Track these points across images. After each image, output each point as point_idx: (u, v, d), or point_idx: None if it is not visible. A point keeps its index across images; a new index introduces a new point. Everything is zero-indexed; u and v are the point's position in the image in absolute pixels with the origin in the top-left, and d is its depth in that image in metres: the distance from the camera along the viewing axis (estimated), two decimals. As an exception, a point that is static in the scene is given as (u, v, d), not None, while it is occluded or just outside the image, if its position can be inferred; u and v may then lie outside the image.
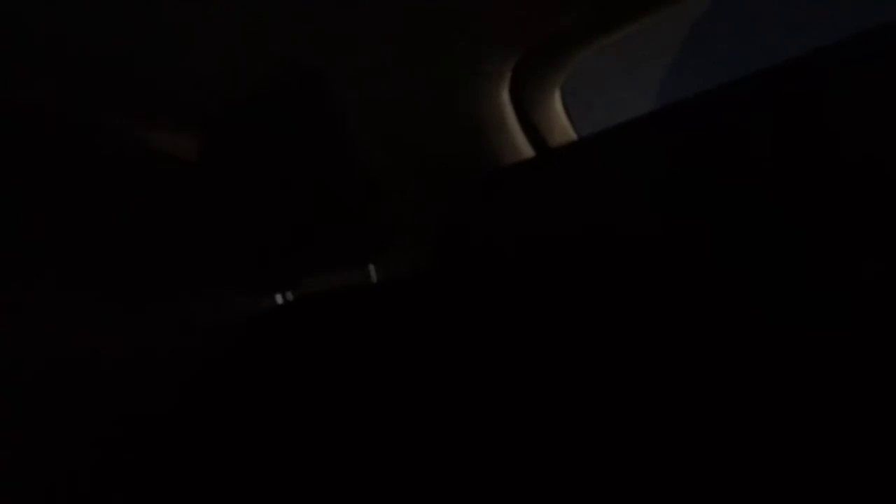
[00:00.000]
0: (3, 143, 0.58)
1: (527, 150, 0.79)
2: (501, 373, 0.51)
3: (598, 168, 0.51)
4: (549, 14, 0.66)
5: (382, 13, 0.64)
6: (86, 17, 0.56)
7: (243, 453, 0.55)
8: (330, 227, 0.67)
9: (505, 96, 0.76)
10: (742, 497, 0.41)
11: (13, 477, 0.52)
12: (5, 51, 0.58)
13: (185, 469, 0.54)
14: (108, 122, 0.68)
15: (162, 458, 0.54)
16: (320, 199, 0.67)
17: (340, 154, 0.67)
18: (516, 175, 0.56)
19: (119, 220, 0.65)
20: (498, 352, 0.52)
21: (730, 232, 0.42)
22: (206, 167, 0.70)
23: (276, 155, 0.68)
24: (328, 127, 0.68)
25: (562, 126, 0.81)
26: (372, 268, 0.80)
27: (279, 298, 0.81)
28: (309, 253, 0.68)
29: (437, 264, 0.64)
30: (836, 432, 0.38)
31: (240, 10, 0.60)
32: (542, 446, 0.48)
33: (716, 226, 0.43)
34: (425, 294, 0.59)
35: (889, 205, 0.37)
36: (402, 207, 0.75)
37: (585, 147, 0.54)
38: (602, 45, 0.74)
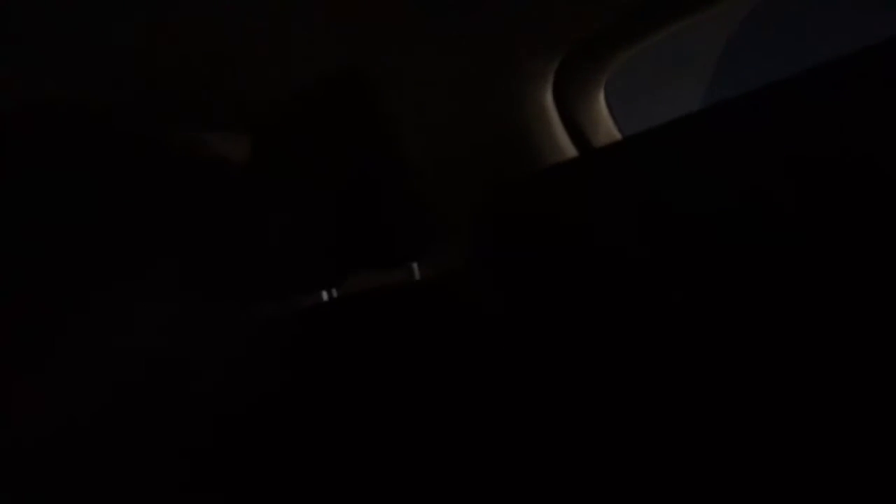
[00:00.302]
0: (98, 149, 0.62)
1: (570, 150, 0.79)
2: (538, 373, 0.52)
3: (643, 168, 0.50)
4: (592, 13, 0.66)
5: (426, 14, 0.64)
6: (140, 22, 0.58)
7: (298, 449, 0.56)
8: (374, 226, 0.68)
9: (549, 96, 0.76)
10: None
11: (121, 471, 0.54)
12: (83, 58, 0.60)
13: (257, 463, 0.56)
14: (164, 128, 0.70)
15: (240, 453, 0.56)
16: (365, 199, 0.68)
17: (385, 154, 0.68)
18: (559, 175, 0.56)
19: (187, 221, 0.68)
20: (536, 352, 0.53)
21: (787, 236, 0.42)
22: (255, 168, 0.72)
23: (321, 155, 0.70)
24: (373, 127, 0.69)
25: (606, 126, 0.81)
26: (415, 266, 0.81)
27: (325, 296, 0.83)
28: (354, 251, 0.69)
29: (478, 263, 0.64)
30: (836, 435, 0.38)
31: (288, 14, 0.61)
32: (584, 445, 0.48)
33: (769, 229, 0.43)
34: (467, 292, 0.60)
35: None
36: (445, 207, 0.75)
37: (629, 147, 0.53)
38: (647, 45, 0.73)
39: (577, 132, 0.78)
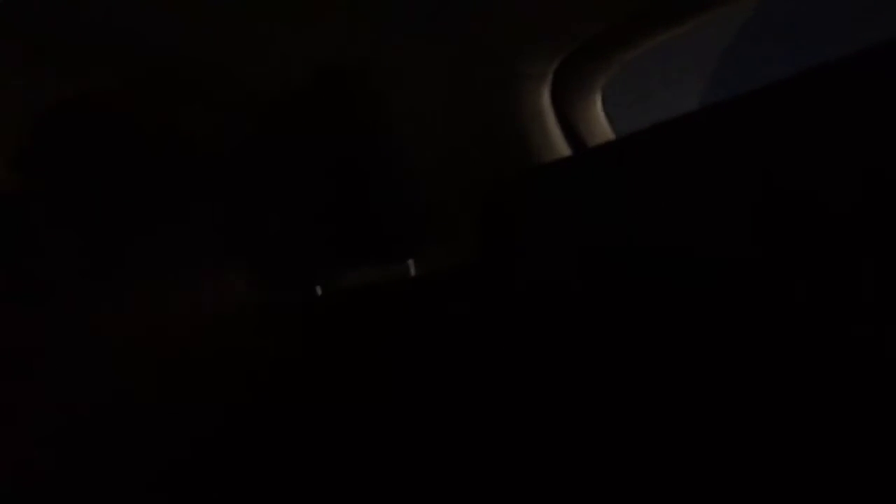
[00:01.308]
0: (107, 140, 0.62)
1: (566, 152, 0.79)
2: (537, 369, 0.52)
3: (637, 168, 0.51)
4: (591, 16, 0.67)
5: (425, 13, 0.65)
6: (140, 15, 0.58)
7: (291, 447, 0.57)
8: (370, 223, 0.68)
9: (546, 98, 0.76)
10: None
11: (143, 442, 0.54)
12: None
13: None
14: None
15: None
16: (362, 196, 0.68)
17: (382, 152, 0.69)
18: (554, 173, 0.57)
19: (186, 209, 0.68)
20: (531, 350, 0.53)
21: (777, 237, 0.42)
22: (251, 163, 0.72)
23: (320, 152, 0.70)
24: (371, 125, 0.70)
25: (602, 129, 0.81)
26: (411, 263, 0.81)
27: (319, 290, 0.83)
28: (350, 247, 0.69)
29: (474, 262, 0.65)
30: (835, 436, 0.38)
31: (286, 10, 0.61)
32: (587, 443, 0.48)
33: (760, 229, 0.43)
34: (462, 290, 0.60)
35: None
36: (441, 205, 0.76)
37: (624, 146, 0.54)
38: (645, 49, 0.74)
39: (573, 135, 0.79)
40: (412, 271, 0.81)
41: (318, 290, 0.84)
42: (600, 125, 0.81)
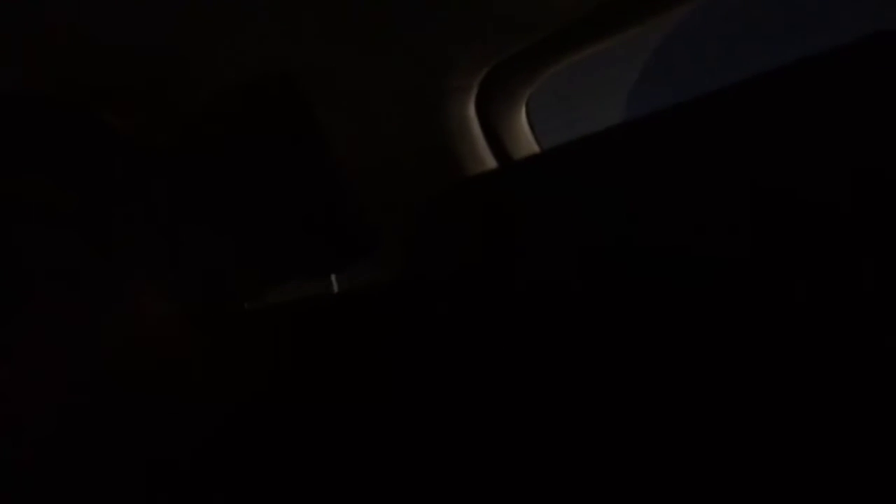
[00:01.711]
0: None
1: (492, 163, 0.80)
2: (502, 373, 0.51)
3: (562, 179, 0.51)
4: (517, 30, 0.67)
5: (359, 22, 0.64)
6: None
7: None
8: (294, 237, 0.66)
9: (471, 110, 0.77)
10: None
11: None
12: None
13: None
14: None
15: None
16: (286, 209, 0.66)
17: (309, 164, 0.67)
18: (477, 187, 0.56)
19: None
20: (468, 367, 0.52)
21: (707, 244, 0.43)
22: (182, 171, 0.69)
23: (247, 161, 0.67)
24: (300, 132, 0.68)
25: (527, 141, 0.82)
26: (334, 278, 0.79)
27: (240, 306, 0.80)
28: (274, 261, 0.67)
29: (399, 277, 0.64)
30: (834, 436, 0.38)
31: (221, 13, 0.59)
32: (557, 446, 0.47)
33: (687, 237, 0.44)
34: (384, 306, 0.59)
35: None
36: (368, 219, 0.75)
37: (548, 158, 0.54)
38: (571, 62, 0.75)
39: (498, 146, 0.79)
40: (335, 287, 0.79)
41: (246, 306, 0.81)
42: (525, 137, 0.82)
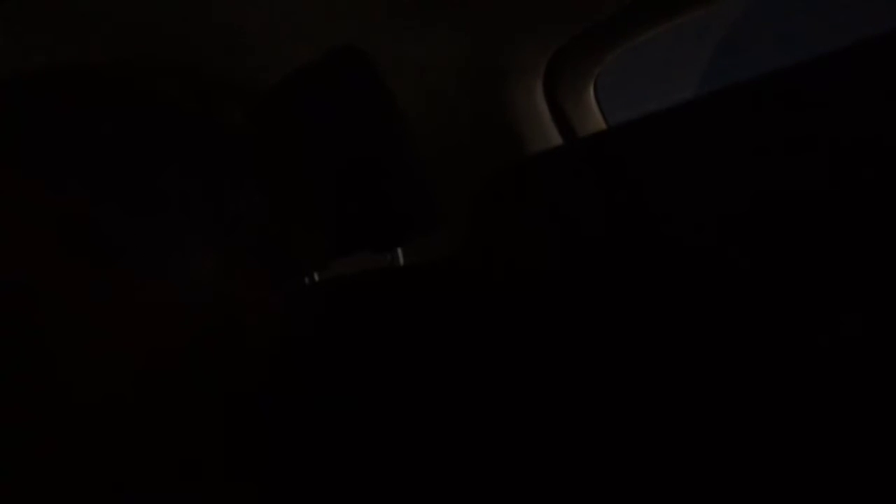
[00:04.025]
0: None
1: (559, 143, 0.79)
2: (534, 358, 0.52)
3: (629, 156, 0.51)
4: (584, 8, 0.66)
5: (427, 4, 0.64)
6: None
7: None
8: (361, 211, 0.68)
9: (539, 89, 0.76)
10: None
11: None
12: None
13: None
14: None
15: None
16: (354, 184, 0.68)
17: (377, 138, 0.68)
18: (546, 163, 0.56)
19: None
20: (533, 337, 0.53)
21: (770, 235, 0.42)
22: (251, 147, 0.71)
23: (314, 136, 0.69)
24: (370, 111, 0.69)
25: (595, 120, 0.81)
26: (399, 252, 0.81)
27: (306, 280, 0.83)
28: (339, 235, 0.69)
29: (465, 254, 0.64)
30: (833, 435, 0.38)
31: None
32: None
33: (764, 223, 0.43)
34: (453, 280, 0.60)
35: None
36: (434, 194, 0.76)
37: (615, 136, 0.54)
38: (639, 41, 0.73)
39: (565, 126, 0.78)
40: (401, 260, 0.81)
41: (306, 280, 0.83)
42: (593, 116, 0.81)
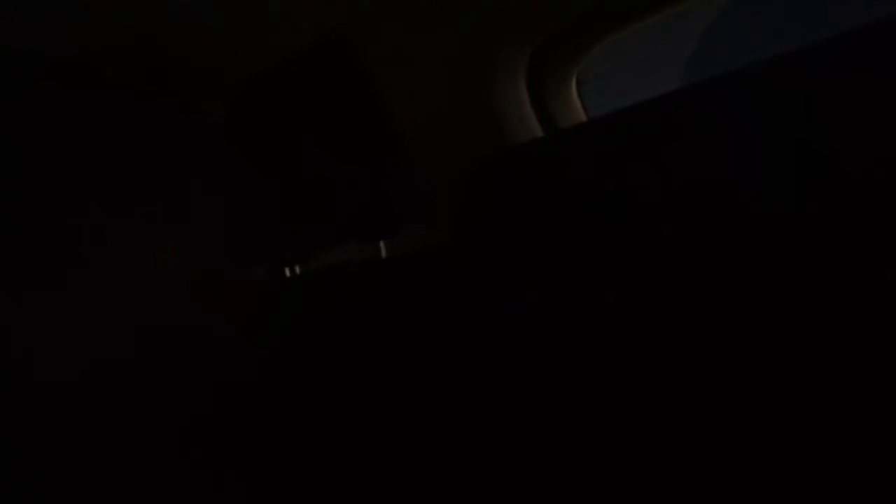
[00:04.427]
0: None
1: (540, 135, 0.79)
2: (524, 346, 0.52)
3: (609, 148, 0.51)
4: (566, 4, 0.66)
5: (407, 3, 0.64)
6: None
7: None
8: (347, 203, 0.68)
9: (522, 83, 0.76)
10: None
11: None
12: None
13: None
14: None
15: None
16: (339, 176, 0.67)
17: (360, 130, 0.68)
18: (528, 156, 0.57)
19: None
20: (523, 325, 0.53)
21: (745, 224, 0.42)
22: (237, 137, 0.70)
23: (298, 127, 0.68)
24: (360, 102, 0.68)
25: (577, 115, 0.82)
26: (382, 245, 0.81)
27: (287, 272, 0.82)
28: (324, 226, 0.68)
29: (447, 245, 0.64)
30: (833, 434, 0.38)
31: None
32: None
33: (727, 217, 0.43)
34: (435, 271, 0.60)
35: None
36: (417, 186, 0.75)
37: (595, 127, 0.54)
38: (620, 36, 0.74)
39: (547, 119, 0.79)
40: (384, 252, 0.81)
41: (287, 272, 0.83)
42: (575, 110, 0.81)
